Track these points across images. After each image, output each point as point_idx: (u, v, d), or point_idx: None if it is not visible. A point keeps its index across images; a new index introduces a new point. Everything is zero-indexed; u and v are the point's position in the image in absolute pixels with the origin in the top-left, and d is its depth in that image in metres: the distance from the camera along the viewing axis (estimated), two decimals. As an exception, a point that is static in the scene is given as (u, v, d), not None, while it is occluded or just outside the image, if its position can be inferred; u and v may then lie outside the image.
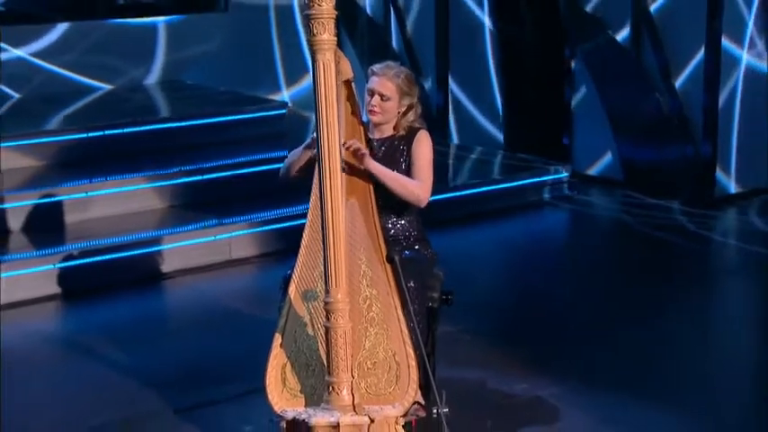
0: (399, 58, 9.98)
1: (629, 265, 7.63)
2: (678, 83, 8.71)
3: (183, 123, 8.54)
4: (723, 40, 8.45)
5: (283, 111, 9.01)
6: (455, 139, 10.18)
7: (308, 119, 9.29)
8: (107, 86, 9.66)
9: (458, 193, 8.53)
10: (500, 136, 9.90)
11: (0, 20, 9.22)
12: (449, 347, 5.50)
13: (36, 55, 9.39)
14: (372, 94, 4.98)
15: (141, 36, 9.87)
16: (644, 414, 5.10)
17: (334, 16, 4.34)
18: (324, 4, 4.31)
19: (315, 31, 4.33)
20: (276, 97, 10.12)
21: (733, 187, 8.70)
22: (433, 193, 7.81)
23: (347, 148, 4.75)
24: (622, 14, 8.92)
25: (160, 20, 9.92)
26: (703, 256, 7.56)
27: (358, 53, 10.48)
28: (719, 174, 8.63)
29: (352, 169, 4.80)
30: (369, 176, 4.80)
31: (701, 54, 8.52)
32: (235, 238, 7.39)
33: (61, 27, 9.47)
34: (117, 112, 8.71)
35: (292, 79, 10.49)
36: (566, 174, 9.00)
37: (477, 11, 9.92)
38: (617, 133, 9.13)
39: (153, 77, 9.93)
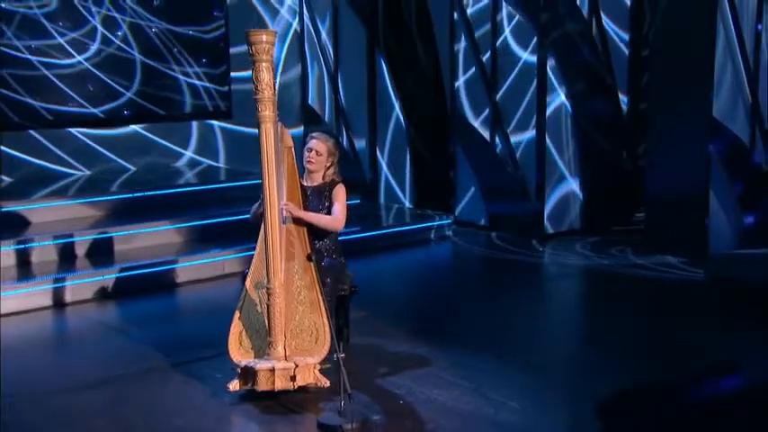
0: (347, 151, 10.11)
1: (486, 276, 7.63)
2: (520, 161, 8.77)
3: (197, 188, 8.47)
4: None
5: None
6: (381, 198, 10.16)
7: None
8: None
9: (377, 232, 8.45)
10: (408, 197, 9.89)
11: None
12: (359, 325, 5.48)
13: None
14: (310, 150, 4.98)
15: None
16: (486, 363, 5.07)
17: (273, 100, 4.36)
18: (266, 91, 4.33)
19: (259, 109, 4.34)
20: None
21: (551, 229, 8.72)
22: (364, 231, 7.97)
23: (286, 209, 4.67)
24: (485, 119, 8.99)
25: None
26: (535, 269, 7.56)
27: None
28: (546, 220, 8.67)
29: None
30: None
31: (533, 138, 8.60)
32: (227, 260, 7.29)
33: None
34: (158, 179, 8.73)
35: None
36: (449, 221, 8.98)
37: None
38: (483, 194, 9.16)
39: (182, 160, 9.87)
